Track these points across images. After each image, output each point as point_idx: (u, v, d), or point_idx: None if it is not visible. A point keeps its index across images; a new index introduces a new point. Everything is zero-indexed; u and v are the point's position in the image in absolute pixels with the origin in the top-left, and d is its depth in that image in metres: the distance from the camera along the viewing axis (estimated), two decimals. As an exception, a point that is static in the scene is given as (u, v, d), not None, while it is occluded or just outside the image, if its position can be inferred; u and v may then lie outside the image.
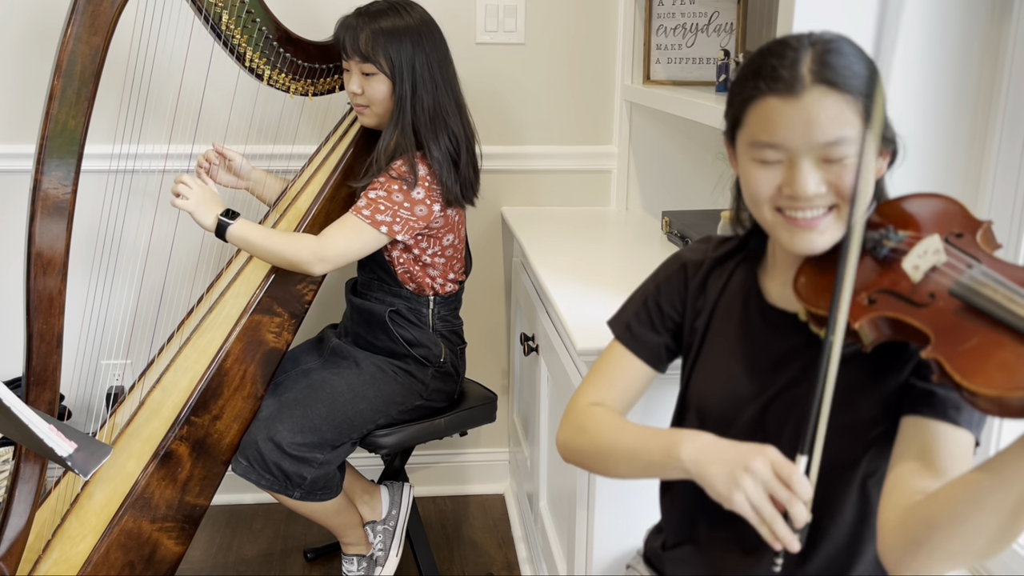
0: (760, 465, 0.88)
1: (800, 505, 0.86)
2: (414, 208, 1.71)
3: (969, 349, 0.83)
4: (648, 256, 1.88)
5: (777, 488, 0.87)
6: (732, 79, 0.99)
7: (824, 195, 0.92)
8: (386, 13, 1.72)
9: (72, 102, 1.41)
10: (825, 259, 0.98)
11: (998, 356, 0.81)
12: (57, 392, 1.45)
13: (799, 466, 0.88)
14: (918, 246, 0.92)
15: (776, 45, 0.94)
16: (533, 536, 2.04)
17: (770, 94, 0.91)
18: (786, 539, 0.86)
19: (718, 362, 1.08)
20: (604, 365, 1.15)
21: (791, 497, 0.86)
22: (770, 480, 0.87)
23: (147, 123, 2.08)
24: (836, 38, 0.94)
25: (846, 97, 0.89)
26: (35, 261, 1.40)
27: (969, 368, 0.81)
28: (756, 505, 0.87)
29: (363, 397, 1.77)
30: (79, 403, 2.25)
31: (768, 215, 0.96)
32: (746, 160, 0.96)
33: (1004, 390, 0.78)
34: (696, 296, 1.12)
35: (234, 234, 1.67)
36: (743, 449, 0.90)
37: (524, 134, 2.29)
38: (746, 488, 0.87)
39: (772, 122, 0.91)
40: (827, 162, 0.91)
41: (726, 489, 0.89)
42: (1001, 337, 0.82)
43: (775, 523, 0.86)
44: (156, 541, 1.63)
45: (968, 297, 0.86)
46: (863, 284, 0.93)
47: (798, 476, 0.87)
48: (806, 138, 0.90)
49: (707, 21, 1.98)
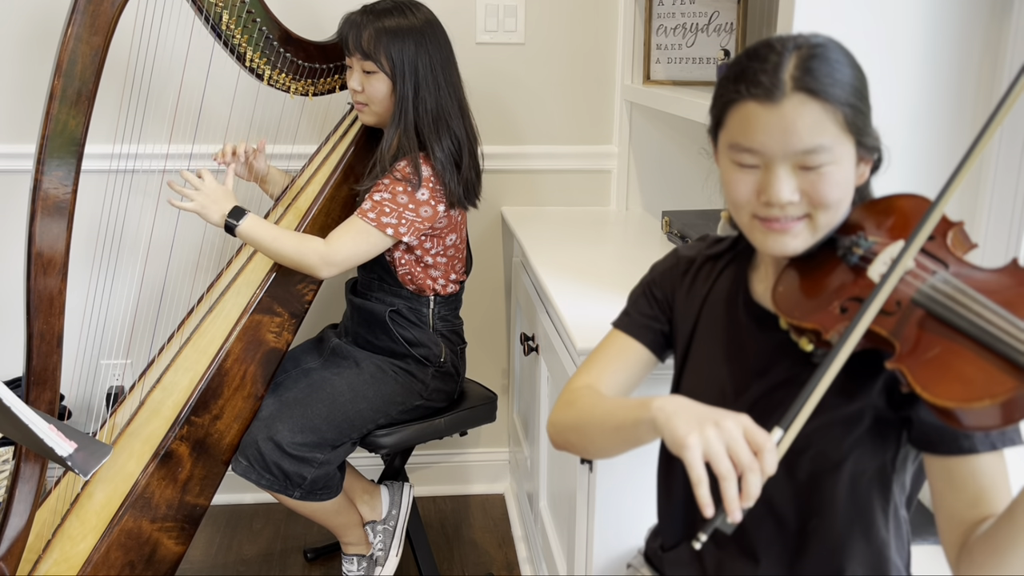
0: (731, 424, 0.82)
1: (758, 477, 0.80)
2: (419, 209, 1.71)
3: (931, 359, 0.82)
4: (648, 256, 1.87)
5: (742, 449, 0.80)
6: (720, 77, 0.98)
7: (797, 204, 0.92)
8: (391, 12, 1.72)
9: (72, 102, 1.41)
10: (804, 267, 0.97)
11: (956, 367, 0.80)
12: (57, 392, 1.45)
13: (774, 436, 0.82)
14: (883, 253, 0.92)
15: (761, 48, 0.93)
16: (533, 536, 2.04)
17: (750, 99, 0.91)
18: (733, 501, 0.79)
19: (705, 360, 1.09)
20: (601, 349, 1.16)
21: (753, 463, 0.80)
22: (737, 439, 0.81)
23: (147, 123, 2.08)
24: (823, 43, 0.92)
25: (825, 106, 0.89)
26: (35, 261, 1.40)
27: (930, 379, 0.80)
28: (711, 454, 0.80)
29: (363, 397, 1.77)
30: (79, 403, 2.25)
31: (745, 219, 0.97)
32: (726, 161, 0.97)
33: (959, 402, 0.77)
34: (687, 291, 1.12)
35: (242, 233, 1.67)
36: (719, 411, 0.85)
37: (524, 134, 2.29)
38: (707, 435, 0.81)
39: (751, 127, 0.91)
40: (803, 169, 0.91)
41: (684, 432, 0.82)
42: (960, 347, 0.81)
43: (728, 480, 0.79)
44: (156, 541, 1.63)
45: (928, 306, 0.85)
46: (835, 292, 0.93)
47: (770, 446, 0.81)
48: (783, 145, 0.90)
49: (707, 21, 1.98)
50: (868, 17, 1.24)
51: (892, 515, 1.01)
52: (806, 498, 1.00)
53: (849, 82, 0.91)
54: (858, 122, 0.91)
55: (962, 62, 1.28)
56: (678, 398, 0.91)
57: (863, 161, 0.95)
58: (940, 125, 1.30)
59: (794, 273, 0.98)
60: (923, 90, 1.28)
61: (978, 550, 0.88)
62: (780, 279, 0.99)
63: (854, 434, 0.96)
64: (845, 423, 0.96)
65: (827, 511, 1.00)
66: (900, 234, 0.93)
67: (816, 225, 0.94)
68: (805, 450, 0.98)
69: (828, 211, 0.93)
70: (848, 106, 0.90)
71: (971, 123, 1.30)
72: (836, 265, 0.95)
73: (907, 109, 1.28)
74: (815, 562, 1.02)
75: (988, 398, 0.76)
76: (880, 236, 0.94)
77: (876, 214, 0.97)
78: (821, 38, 0.93)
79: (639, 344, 1.13)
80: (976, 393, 0.77)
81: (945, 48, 1.27)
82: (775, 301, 0.97)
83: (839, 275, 0.94)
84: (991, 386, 0.77)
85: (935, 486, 0.94)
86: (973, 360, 0.79)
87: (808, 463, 0.99)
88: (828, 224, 0.94)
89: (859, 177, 0.96)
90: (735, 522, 0.80)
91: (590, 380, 1.12)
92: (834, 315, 0.91)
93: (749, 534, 1.05)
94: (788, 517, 1.02)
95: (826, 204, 0.92)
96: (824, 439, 0.97)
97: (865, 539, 1.00)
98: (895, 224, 0.95)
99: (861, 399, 0.95)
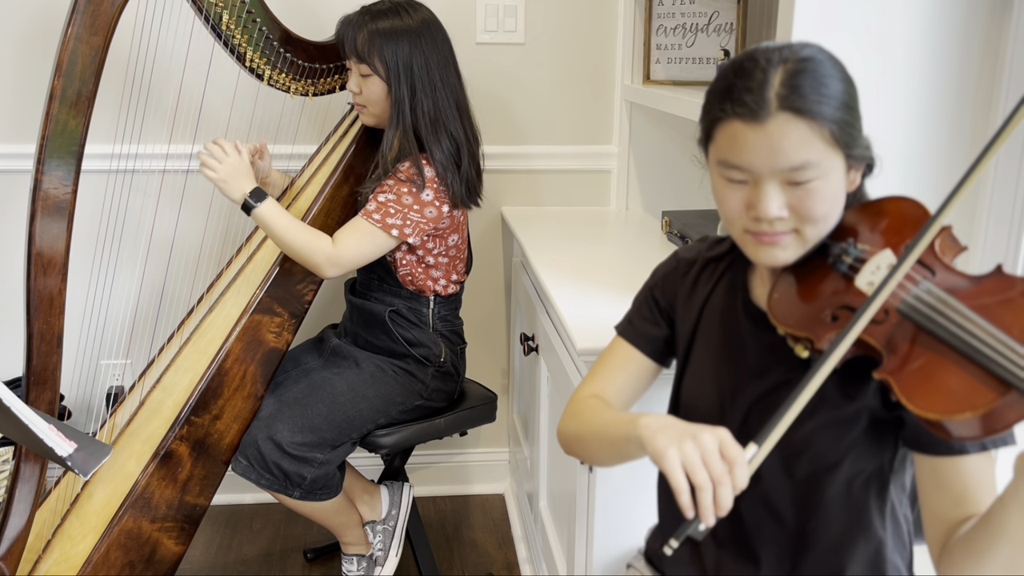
0: (708, 438, 0.85)
1: (729, 489, 0.83)
2: (424, 210, 1.71)
3: (916, 369, 0.82)
4: (648, 256, 1.88)
5: (716, 462, 0.83)
6: (708, 88, 0.98)
7: (786, 220, 0.92)
8: (386, 14, 1.71)
9: (72, 102, 1.41)
10: (798, 273, 0.98)
11: (939, 378, 0.80)
12: (57, 392, 1.45)
13: (747, 452, 0.85)
14: (870, 261, 0.92)
15: (747, 62, 0.92)
16: (533, 536, 2.04)
17: (735, 118, 0.90)
18: (708, 509, 0.82)
19: (706, 361, 1.09)
20: (606, 359, 1.17)
21: (724, 476, 0.83)
22: (712, 452, 0.84)
23: (147, 123, 2.08)
24: (810, 55, 0.91)
25: (811, 124, 0.88)
26: (35, 261, 1.40)
27: (915, 389, 0.80)
28: (688, 464, 0.84)
29: (363, 397, 1.77)
30: (79, 403, 2.25)
31: (738, 232, 0.98)
32: (716, 175, 0.97)
33: (942, 414, 0.78)
34: (688, 294, 1.13)
35: (259, 216, 1.67)
36: (699, 426, 0.88)
37: (524, 134, 2.29)
38: (684, 448, 0.84)
39: (737, 145, 0.91)
40: (792, 184, 0.91)
41: (664, 445, 0.86)
42: (943, 359, 0.81)
43: (704, 490, 0.82)
44: (156, 541, 1.63)
45: (912, 316, 0.85)
46: (827, 299, 0.93)
47: (742, 461, 0.83)
48: (770, 163, 0.90)
49: (707, 21, 1.98)
50: (867, 17, 1.24)
51: (890, 515, 1.01)
52: (805, 498, 1.01)
53: (836, 96, 0.89)
54: (846, 136, 0.91)
55: (962, 62, 1.28)
56: (664, 416, 0.93)
57: (853, 169, 0.95)
58: (940, 125, 1.30)
59: (789, 279, 0.98)
60: (923, 90, 1.28)
61: (958, 551, 0.89)
62: (775, 286, 0.99)
63: (851, 435, 0.97)
64: (842, 424, 0.96)
65: (825, 511, 1.00)
66: (891, 239, 0.93)
67: (804, 238, 0.94)
68: (804, 450, 0.98)
69: (816, 225, 0.93)
70: (835, 122, 0.89)
71: (971, 123, 1.30)
72: (828, 272, 0.96)
73: (906, 109, 1.28)
74: (815, 562, 1.02)
75: (969, 410, 0.77)
76: (870, 242, 0.94)
77: (868, 217, 0.97)
78: (810, 49, 0.92)
79: (641, 354, 1.15)
80: (958, 405, 0.77)
81: (945, 48, 1.27)
82: (770, 309, 0.97)
83: (831, 282, 0.94)
84: (973, 398, 0.77)
85: (922, 484, 0.95)
86: (955, 372, 0.79)
87: (806, 463, 0.99)
88: (816, 236, 0.95)
89: (850, 184, 0.96)
90: (708, 527, 0.84)
91: (596, 389, 1.14)
92: (826, 323, 0.91)
93: (749, 534, 1.05)
94: (787, 517, 1.02)
95: (813, 219, 0.92)
96: (822, 440, 0.97)
97: (863, 539, 1.01)
98: (887, 228, 0.95)
99: (858, 400, 0.96)
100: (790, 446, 0.98)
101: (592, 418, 1.07)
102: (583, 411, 1.10)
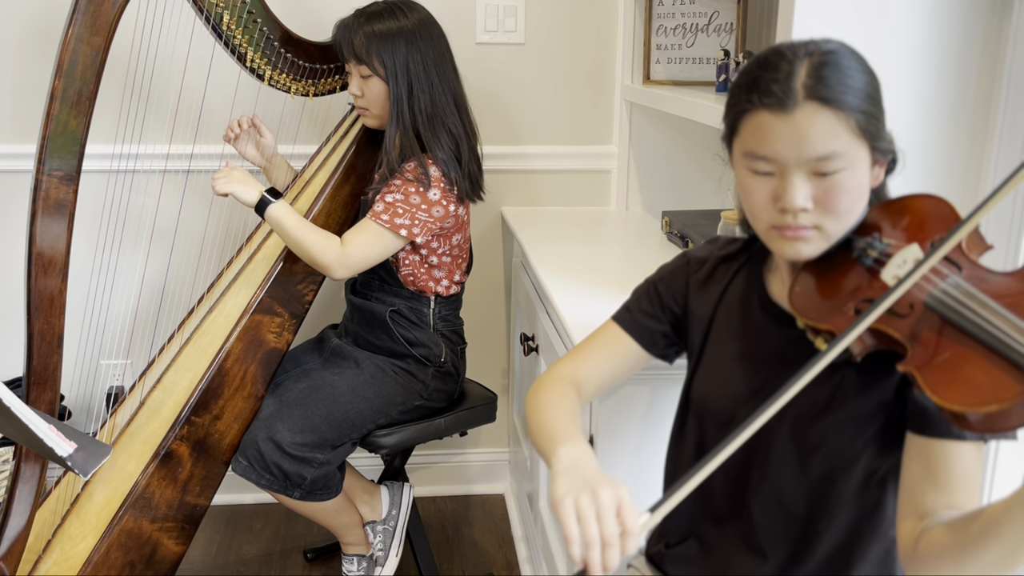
0: (607, 495, 0.85)
1: (618, 552, 0.83)
2: (431, 209, 1.72)
3: (942, 362, 0.82)
4: (648, 256, 1.88)
5: (609, 523, 0.84)
6: (732, 83, 0.99)
7: (810, 213, 0.93)
8: (381, 15, 1.72)
9: (73, 102, 1.41)
10: (821, 268, 0.98)
11: (965, 371, 0.80)
12: (57, 392, 1.45)
13: (640, 520, 0.85)
14: (896, 256, 0.92)
15: (772, 55, 0.94)
16: (533, 536, 2.04)
17: (762, 108, 0.91)
18: (596, 566, 0.83)
19: (719, 359, 1.09)
20: (591, 337, 1.17)
21: (614, 538, 0.83)
22: (608, 510, 0.84)
23: (148, 123, 2.08)
24: (835, 49, 0.93)
25: (838, 113, 0.89)
26: (36, 261, 1.40)
27: (940, 382, 0.81)
28: (582, 516, 0.84)
29: (363, 397, 1.77)
30: (79, 403, 2.25)
31: (763, 227, 0.98)
32: (741, 168, 0.98)
33: (967, 406, 0.78)
34: (698, 291, 1.12)
35: (272, 215, 1.69)
36: (604, 478, 0.89)
37: (524, 134, 2.29)
38: (580, 501, 0.85)
39: (764, 136, 0.92)
40: (818, 175, 0.92)
41: (562, 494, 0.87)
42: (970, 351, 0.81)
43: (593, 547, 0.83)
44: (156, 541, 1.63)
45: (939, 309, 0.85)
46: (850, 293, 0.93)
47: (634, 529, 0.84)
48: (797, 153, 0.91)
49: (707, 21, 1.98)
50: (867, 17, 1.24)
51: None
52: (819, 496, 1.00)
53: (861, 88, 0.91)
54: (871, 127, 0.92)
55: (962, 62, 1.28)
56: (580, 454, 0.94)
57: (877, 164, 0.96)
58: (939, 125, 1.30)
59: (811, 274, 0.99)
60: (922, 90, 1.28)
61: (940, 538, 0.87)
62: (797, 279, 0.99)
63: (868, 432, 0.97)
64: (859, 420, 0.97)
65: (839, 509, 1.00)
66: (915, 235, 0.94)
67: (827, 234, 0.95)
68: (819, 447, 0.98)
69: (838, 220, 0.94)
70: (861, 112, 0.90)
71: (970, 123, 1.30)
72: (852, 266, 0.96)
73: (907, 109, 1.28)
74: (824, 560, 1.02)
75: (996, 403, 0.77)
76: (895, 237, 0.95)
77: (892, 214, 0.98)
78: (833, 44, 0.94)
79: (629, 338, 1.14)
80: (984, 398, 0.78)
81: (945, 48, 1.27)
82: (792, 301, 0.98)
83: (854, 276, 0.95)
84: (999, 391, 0.78)
85: (908, 464, 0.94)
86: (982, 365, 0.80)
87: (822, 461, 0.99)
88: (839, 231, 0.95)
89: (874, 179, 0.97)
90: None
91: (572, 369, 1.14)
92: (848, 317, 0.92)
93: (757, 531, 1.05)
94: (799, 514, 1.02)
95: (836, 213, 0.93)
96: (839, 436, 0.97)
97: (875, 538, 1.00)
98: (910, 225, 0.96)
99: (877, 396, 0.96)
100: (805, 443, 0.98)
101: (543, 410, 1.07)
102: (544, 395, 1.10)
